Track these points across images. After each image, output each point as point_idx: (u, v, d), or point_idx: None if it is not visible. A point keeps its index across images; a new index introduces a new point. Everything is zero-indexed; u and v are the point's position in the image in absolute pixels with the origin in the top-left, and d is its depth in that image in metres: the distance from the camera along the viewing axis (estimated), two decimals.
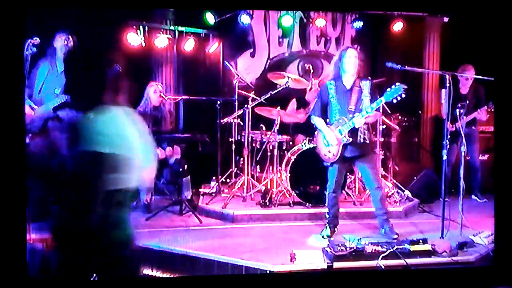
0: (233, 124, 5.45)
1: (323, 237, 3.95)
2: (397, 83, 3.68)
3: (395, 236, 3.86)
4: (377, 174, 4.04)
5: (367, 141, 3.94)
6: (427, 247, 3.58)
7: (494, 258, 3.54)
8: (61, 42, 4.32)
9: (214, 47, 5.91)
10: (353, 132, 3.85)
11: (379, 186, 4.01)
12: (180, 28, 5.67)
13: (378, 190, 3.99)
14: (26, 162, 3.45)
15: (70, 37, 4.35)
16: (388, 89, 3.68)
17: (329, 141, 3.91)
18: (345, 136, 3.84)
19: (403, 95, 3.65)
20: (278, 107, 5.13)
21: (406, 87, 3.65)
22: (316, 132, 4.16)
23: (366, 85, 3.89)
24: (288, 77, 5.19)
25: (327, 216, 4.11)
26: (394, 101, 3.68)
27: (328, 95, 3.94)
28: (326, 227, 4.05)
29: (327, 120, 3.99)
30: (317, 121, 4.03)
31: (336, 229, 4.09)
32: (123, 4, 4.00)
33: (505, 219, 3.42)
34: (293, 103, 5.58)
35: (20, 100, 3.25)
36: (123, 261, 2.90)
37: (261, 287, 3.37)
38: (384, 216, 4.02)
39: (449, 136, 3.86)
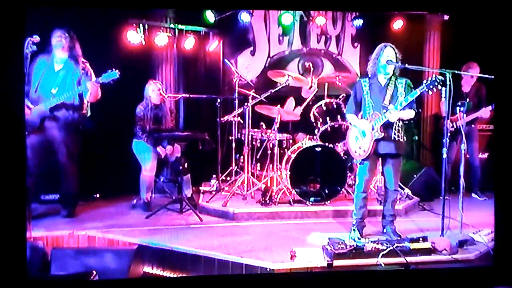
0: (233, 122, 5.45)
1: (353, 239, 3.75)
2: (434, 75, 3.65)
3: (397, 238, 3.82)
4: (398, 177, 3.99)
5: (401, 140, 3.85)
6: (427, 245, 3.58)
7: (494, 256, 3.55)
8: (57, 39, 4.22)
9: (214, 45, 5.90)
10: (387, 127, 3.78)
11: (396, 189, 4.01)
12: (180, 26, 5.65)
13: (394, 193, 3.99)
14: (26, 160, 3.44)
15: (66, 34, 4.24)
16: (424, 81, 3.64)
17: (360, 137, 3.88)
18: (377, 131, 3.77)
19: (439, 86, 3.60)
20: (278, 105, 5.13)
21: (442, 78, 3.61)
22: (348, 130, 4.13)
23: (401, 83, 3.85)
24: (288, 75, 5.19)
25: (354, 217, 4.02)
26: (430, 92, 3.63)
27: (362, 92, 3.91)
28: (354, 230, 3.94)
29: (360, 116, 3.96)
30: (350, 117, 4.01)
31: (363, 231, 4.01)
32: (123, 4, 3.98)
33: (505, 217, 3.42)
34: (290, 102, 5.57)
35: (21, 99, 3.24)
36: None
37: (262, 285, 3.37)
38: (390, 218, 4.02)
39: (449, 134, 3.85)
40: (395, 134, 3.81)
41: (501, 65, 3.47)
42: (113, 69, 4.19)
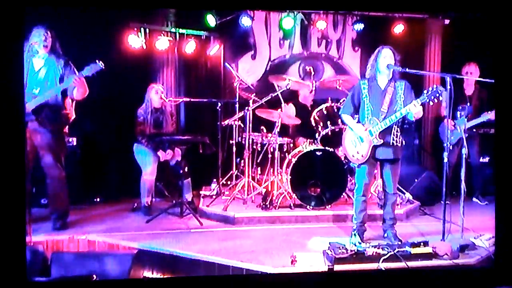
0: (234, 126, 5.45)
1: (354, 244, 3.66)
2: (434, 85, 3.64)
3: (398, 243, 3.81)
4: (397, 180, 3.97)
5: (399, 144, 3.83)
6: (428, 249, 3.57)
7: (495, 261, 3.53)
8: (38, 37, 3.94)
9: (215, 49, 5.90)
10: (385, 133, 3.76)
11: (396, 193, 4.00)
12: (181, 30, 5.67)
13: (393, 196, 3.98)
14: (26, 164, 3.41)
15: (48, 32, 3.99)
16: (425, 91, 3.63)
17: (357, 142, 3.85)
18: (376, 138, 3.76)
19: (441, 98, 3.58)
20: (279, 109, 5.12)
21: (443, 89, 3.59)
22: (343, 132, 4.10)
23: (401, 86, 3.83)
24: (289, 79, 5.18)
25: (354, 222, 4.00)
26: (431, 102, 3.62)
27: (360, 95, 3.88)
28: (355, 234, 3.90)
29: (357, 119, 3.95)
30: (346, 119, 3.98)
31: (364, 235, 3.98)
32: (123, 4, 3.97)
33: (506, 220, 3.41)
34: (290, 108, 5.56)
35: (20, 101, 3.21)
36: None
37: (262, 286, 3.36)
38: (391, 222, 4.00)
39: (452, 137, 3.84)
40: (393, 139, 3.80)
41: (502, 68, 3.47)
42: (96, 61, 3.92)
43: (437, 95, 3.58)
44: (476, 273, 3.54)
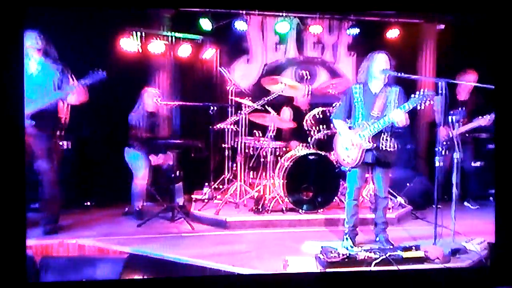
0: (228, 130, 5.44)
1: (346, 248, 3.69)
2: (424, 89, 3.64)
3: (390, 247, 3.80)
4: (388, 184, 3.98)
5: (389, 149, 3.82)
6: (420, 253, 3.57)
7: (492, 263, 3.55)
8: (32, 41, 3.94)
9: (210, 53, 5.91)
10: (376, 137, 3.76)
11: (387, 196, 4.01)
12: (176, 34, 5.67)
13: (385, 200, 3.99)
14: (25, 169, 3.39)
15: (41, 35, 3.99)
16: (413, 95, 3.63)
17: (348, 146, 3.85)
18: (366, 141, 3.77)
19: (431, 101, 3.59)
20: (272, 113, 5.12)
21: (433, 93, 3.60)
22: (335, 136, 4.10)
23: (393, 91, 3.83)
24: (284, 83, 5.19)
25: (346, 225, 3.99)
26: (419, 107, 3.63)
27: (352, 99, 3.88)
28: (346, 238, 3.89)
29: (349, 123, 3.94)
30: (337, 124, 3.98)
31: (356, 239, 3.97)
32: (124, 3, 3.97)
33: (505, 223, 3.43)
34: (286, 112, 5.56)
35: (20, 103, 3.18)
36: None
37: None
38: (382, 226, 4.00)
39: (444, 143, 3.85)
40: (383, 144, 3.80)
41: (498, 73, 3.48)
42: (99, 70, 3.94)
43: (425, 99, 3.58)
44: (470, 274, 3.55)
